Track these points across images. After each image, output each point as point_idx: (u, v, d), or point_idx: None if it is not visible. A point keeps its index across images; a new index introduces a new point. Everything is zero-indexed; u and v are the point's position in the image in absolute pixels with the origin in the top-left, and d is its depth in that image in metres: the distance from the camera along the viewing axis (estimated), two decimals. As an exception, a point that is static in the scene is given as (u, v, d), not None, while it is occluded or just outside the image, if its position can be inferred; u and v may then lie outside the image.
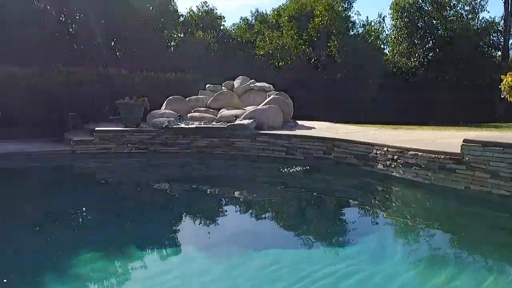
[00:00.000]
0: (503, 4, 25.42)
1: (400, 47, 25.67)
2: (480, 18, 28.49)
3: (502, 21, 26.90)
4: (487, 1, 28.44)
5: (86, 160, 9.36)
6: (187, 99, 12.04)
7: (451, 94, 26.70)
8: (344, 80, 20.71)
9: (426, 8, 28.55)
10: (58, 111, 12.43)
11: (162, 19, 20.74)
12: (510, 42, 27.15)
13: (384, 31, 24.11)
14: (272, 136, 8.90)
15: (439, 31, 28.54)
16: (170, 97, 11.32)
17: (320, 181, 7.84)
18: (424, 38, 28.26)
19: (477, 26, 27.51)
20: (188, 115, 10.93)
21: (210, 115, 10.80)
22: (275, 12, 24.10)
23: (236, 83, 12.84)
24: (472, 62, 26.53)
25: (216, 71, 19.19)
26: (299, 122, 11.26)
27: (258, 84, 12.36)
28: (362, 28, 23.21)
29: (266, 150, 8.99)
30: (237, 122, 9.40)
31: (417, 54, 27.55)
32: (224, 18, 23.86)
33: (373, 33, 20.91)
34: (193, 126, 9.55)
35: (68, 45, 18.40)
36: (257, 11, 25.58)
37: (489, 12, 55.08)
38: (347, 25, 21.05)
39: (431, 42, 28.32)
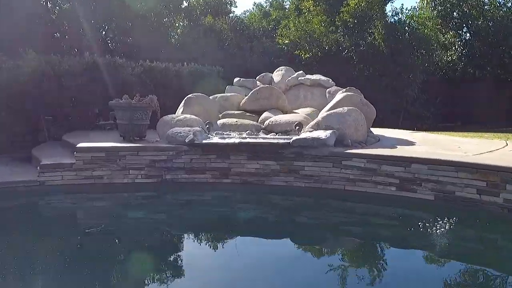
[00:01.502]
0: (557, -12, 21.95)
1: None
2: (524, 6, 25.07)
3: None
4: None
5: (60, 199, 5.73)
6: (211, 97, 8.47)
7: (495, 92, 23.37)
8: (386, 75, 17.21)
9: (461, -6, 25.08)
10: (28, 113, 8.81)
11: (163, 4, 17.15)
12: None
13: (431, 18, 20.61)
14: (373, 159, 5.32)
15: (477, 21, 25.11)
16: (190, 96, 7.70)
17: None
18: (460, 28, 24.85)
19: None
20: (219, 122, 7.34)
21: (252, 122, 7.21)
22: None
23: (277, 75, 9.27)
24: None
25: (231, 63, 15.67)
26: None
27: (311, 76, 8.80)
28: (399, 15, 19.70)
29: (360, 182, 5.43)
30: (307, 135, 5.79)
31: (455, 47, 24.16)
32: (235, 3, 20.28)
33: (419, 19, 17.38)
34: (235, 141, 5.94)
35: (48, 31, 14.78)
36: (272, -4, 22.04)
37: None
38: (385, 10, 17.51)
39: (468, 34, 24.91)
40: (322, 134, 5.68)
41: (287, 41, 16.54)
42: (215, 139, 6.15)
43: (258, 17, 19.20)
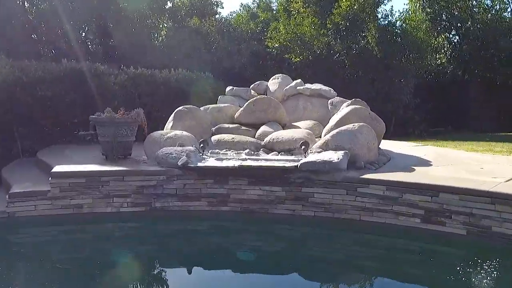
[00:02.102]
0: (546, -9, 21.78)
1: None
2: (512, 9, 24.90)
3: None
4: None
5: (32, 233, 4.96)
6: (202, 108, 7.76)
7: (484, 95, 23.15)
8: (378, 79, 16.71)
9: (450, -3, 24.79)
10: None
11: (146, 4, 16.33)
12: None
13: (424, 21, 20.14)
14: (393, 186, 4.68)
15: (466, 24, 24.84)
16: (180, 109, 6.96)
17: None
18: (449, 31, 24.56)
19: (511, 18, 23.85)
20: (213, 138, 6.61)
21: (250, 139, 6.50)
22: (284, -3, 19.88)
23: (273, 84, 8.58)
24: (505, 60, 22.92)
25: (218, 67, 14.97)
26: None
27: (311, 86, 8.14)
28: (390, 18, 19.21)
29: (378, 212, 4.78)
30: (316, 157, 5.11)
31: (444, 50, 23.86)
32: (222, 4, 19.53)
33: (412, 22, 16.89)
34: (235, 164, 5.22)
35: (24, 33, 13.87)
36: (260, -3, 21.35)
37: None
38: (376, 12, 16.95)
39: (457, 37, 24.63)
40: (333, 156, 5.01)
41: (277, 45, 15.87)
42: (212, 161, 5.44)
43: (245, 18, 18.50)
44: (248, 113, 7.41)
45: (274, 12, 19.89)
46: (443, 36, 21.75)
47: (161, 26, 18.16)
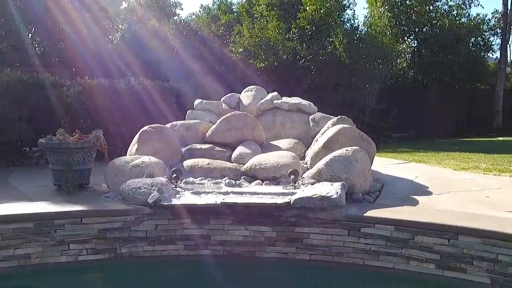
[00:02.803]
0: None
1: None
2: (470, 15, 25.41)
3: (501, 18, 23.89)
4: (476, -4, 25.45)
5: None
6: (168, 125, 6.93)
7: (444, 100, 23.41)
8: (344, 85, 16.33)
9: (408, 1, 24.99)
10: None
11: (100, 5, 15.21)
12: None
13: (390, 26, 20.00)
14: (403, 226, 4.05)
15: (424, 29, 25.10)
16: (146, 129, 6.08)
17: None
18: (408, 35, 24.72)
19: (468, 23, 24.28)
20: (186, 163, 5.79)
21: (229, 165, 5.72)
22: (246, 0, 19.18)
23: (246, 97, 7.85)
24: (464, 65, 23.31)
25: (179, 74, 14.06)
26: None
27: (289, 100, 7.46)
28: (354, 22, 18.90)
29: (385, 256, 4.15)
30: (312, 192, 4.41)
31: (404, 54, 24.00)
32: (181, 4, 18.59)
33: (377, 27, 16.61)
34: (216, 200, 4.44)
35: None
36: (220, -1, 20.51)
37: (483, 7, 52.88)
38: (342, 17, 16.57)
39: (416, 41, 24.82)
40: (331, 190, 4.34)
41: (241, 49, 15.13)
42: (188, 196, 4.63)
43: (206, 21, 17.63)
44: (222, 131, 6.64)
45: (236, 14, 19.12)
46: (407, 42, 21.70)
47: (116, 27, 17.04)
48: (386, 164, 7.42)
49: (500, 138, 18.22)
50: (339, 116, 6.42)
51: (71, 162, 5.26)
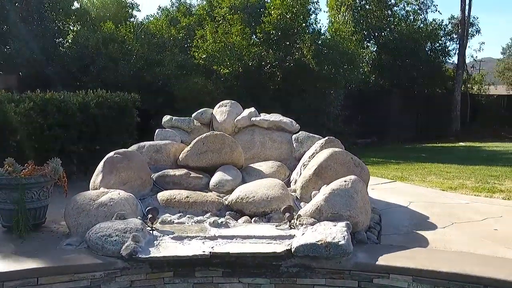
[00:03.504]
0: (460, 4, 22.69)
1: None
2: (427, 20, 25.81)
3: (458, 24, 24.34)
4: (433, 2, 25.90)
5: None
6: (134, 146, 6.18)
7: (404, 105, 23.65)
8: (310, 91, 15.97)
9: (368, 6, 25.11)
10: None
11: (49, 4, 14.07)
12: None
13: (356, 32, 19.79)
14: (424, 277, 3.53)
15: (383, 33, 25.30)
16: (112, 156, 5.29)
17: None
18: (368, 40, 24.81)
19: (425, 29, 24.64)
20: (160, 196, 5.05)
21: (211, 198, 5.03)
22: (207, 2, 18.42)
23: (220, 113, 7.17)
24: (423, 70, 23.62)
25: (140, 82, 13.19)
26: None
27: (268, 117, 6.84)
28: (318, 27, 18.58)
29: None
30: (314, 237, 3.82)
31: (365, 59, 23.99)
32: (138, 6, 17.61)
33: (343, 33, 16.32)
34: (204, 250, 3.75)
35: None
36: (179, 0, 19.64)
37: (441, 13, 54.14)
38: (308, 21, 16.18)
39: (376, 46, 24.94)
40: (337, 234, 3.77)
41: (204, 55, 14.39)
42: (168, 243, 3.92)
43: (165, 24, 16.74)
44: (197, 154, 5.94)
45: (196, 16, 18.32)
46: (363, 45, 21.65)
47: (67, 29, 15.87)
48: (371, 185, 6.96)
49: (462, 144, 18.44)
50: (326, 138, 5.88)
51: (24, 200, 4.42)
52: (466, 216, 5.17)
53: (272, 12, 15.08)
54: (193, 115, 7.27)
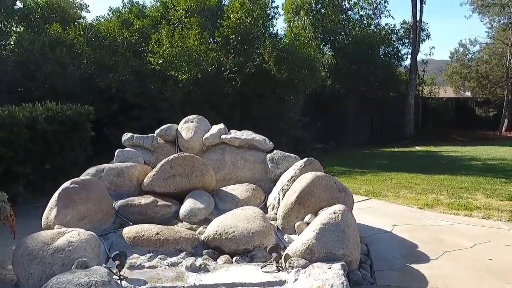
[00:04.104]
0: (411, 11, 23.12)
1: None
2: (380, 25, 26.21)
3: (410, 29, 24.80)
4: (386, 7, 26.31)
5: None
6: (92, 169, 5.54)
7: (360, 109, 23.90)
8: (270, 97, 15.64)
9: (324, 10, 25.19)
10: None
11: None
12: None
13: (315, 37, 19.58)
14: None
15: (338, 37, 25.45)
16: (68, 187, 4.63)
17: None
18: (324, 44, 24.83)
19: (379, 33, 24.99)
20: (126, 233, 4.44)
21: (184, 233, 4.46)
22: (161, 4, 17.64)
23: (187, 129, 6.61)
24: (377, 74, 23.94)
25: (91, 91, 12.35)
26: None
27: (240, 134, 6.36)
28: (277, 32, 18.26)
29: None
30: (307, 282, 3.39)
31: (322, 64, 24.01)
32: (87, 6, 16.58)
33: (301, 37, 16.06)
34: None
35: None
36: (131, 1, 18.69)
37: (394, 18, 55.36)
38: (269, 26, 15.80)
39: (332, 50, 25.02)
40: (335, 280, 3.35)
41: (160, 61, 13.67)
42: (141, 297, 3.36)
43: (117, 26, 15.81)
44: (163, 178, 5.38)
45: (150, 19, 17.48)
46: (320, 49, 21.61)
47: (10, 30, 14.67)
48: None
49: (418, 148, 18.71)
50: (305, 159, 5.48)
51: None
52: (454, 242, 4.92)
53: (231, 16, 14.58)
54: (156, 132, 6.67)
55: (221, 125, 6.54)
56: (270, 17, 15.38)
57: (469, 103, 30.99)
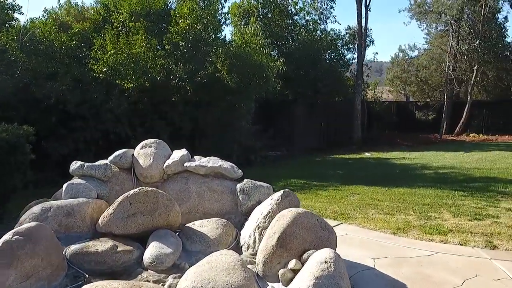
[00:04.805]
0: (357, 18, 23.40)
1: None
2: (326, 30, 26.38)
3: (355, 35, 25.10)
4: (332, 13, 26.53)
5: None
6: (37, 208, 4.80)
7: (309, 115, 23.91)
8: (221, 106, 15.15)
9: (270, 14, 25.00)
10: None
11: None
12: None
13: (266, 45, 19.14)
14: None
15: (285, 42, 25.34)
16: (9, 239, 3.85)
17: None
18: (271, 49, 24.56)
19: (325, 38, 25.14)
20: (84, 296, 3.76)
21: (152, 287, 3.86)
22: (102, 6, 16.55)
23: (144, 155, 5.95)
24: (325, 79, 24.03)
25: (29, 103, 11.28)
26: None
27: (205, 162, 5.77)
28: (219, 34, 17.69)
29: None
30: None
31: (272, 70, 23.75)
32: (20, 8, 15.18)
33: (252, 44, 15.62)
34: None
35: None
36: (68, 1, 17.41)
37: (340, 24, 55.94)
38: (219, 33, 15.25)
39: (279, 55, 24.79)
40: None
41: (105, 69, 12.73)
42: None
43: (53, 29, 14.62)
44: (123, 218, 4.71)
45: (89, 21, 16.35)
46: (272, 57, 21.30)
47: None
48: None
49: (368, 155, 18.88)
50: (282, 192, 4.99)
51: None
52: (442, 278, 4.65)
53: (180, 21, 13.89)
54: (109, 159, 5.94)
55: (184, 151, 5.94)
56: (221, 24, 14.81)
57: (410, 107, 32.04)
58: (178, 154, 5.89)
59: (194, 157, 5.98)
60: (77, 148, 12.40)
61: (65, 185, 5.32)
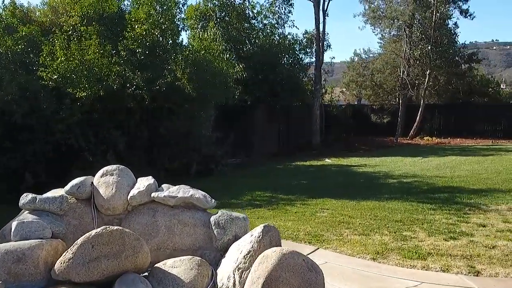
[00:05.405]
0: (315, 23, 23.37)
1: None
2: (284, 34, 26.23)
3: (313, 40, 25.06)
4: (289, 17, 26.38)
5: None
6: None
7: (268, 120, 23.67)
8: (180, 113, 14.60)
9: (228, 18, 24.61)
10: None
11: None
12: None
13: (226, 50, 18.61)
14: None
15: (243, 46, 25.02)
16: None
17: None
18: (229, 53, 24.14)
19: (283, 42, 25.00)
20: None
21: None
22: (49, 8, 15.53)
23: (105, 185, 5.34)
24: (284, 84, 23.89)
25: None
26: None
27: (175, 192, 5.22)
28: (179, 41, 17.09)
29: None
30: None
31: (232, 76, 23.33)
32: (-41, 8, 13.95)
33: (212, 50, 15.10)
34: None
35: None
36: (13, 2, 16.21)
37: (298, 28, 55.59)
38: (178, 39, 14.64)
39: (237, 59, 24.40)
40: None
41: (55, 76, 11.85)
42: None
43: (-2, 32, 13.52)
44: (84, 262, 4.13)
45: (36, 24, 15.29)
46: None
47: None
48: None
49: (329, 161, 18.81)
50: (262, 228, 4.55)
51: None
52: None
53: (136, 26, 13.19)
54: (65, 189, 5.29)
55: (150, 179, 5.38)
56: (179, 29, 14.23)
57: (365, 110, 32.53)
58: (144, 183, 5.33)
59: (162, 185, 5.43)
60: (26, 161, 11.56)
61: (14, 224, 4.64)
